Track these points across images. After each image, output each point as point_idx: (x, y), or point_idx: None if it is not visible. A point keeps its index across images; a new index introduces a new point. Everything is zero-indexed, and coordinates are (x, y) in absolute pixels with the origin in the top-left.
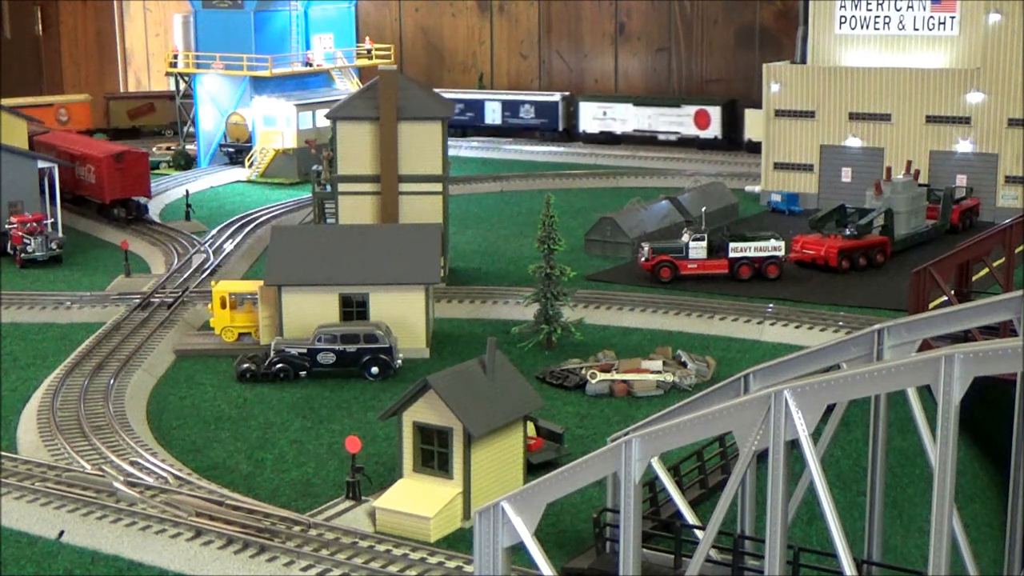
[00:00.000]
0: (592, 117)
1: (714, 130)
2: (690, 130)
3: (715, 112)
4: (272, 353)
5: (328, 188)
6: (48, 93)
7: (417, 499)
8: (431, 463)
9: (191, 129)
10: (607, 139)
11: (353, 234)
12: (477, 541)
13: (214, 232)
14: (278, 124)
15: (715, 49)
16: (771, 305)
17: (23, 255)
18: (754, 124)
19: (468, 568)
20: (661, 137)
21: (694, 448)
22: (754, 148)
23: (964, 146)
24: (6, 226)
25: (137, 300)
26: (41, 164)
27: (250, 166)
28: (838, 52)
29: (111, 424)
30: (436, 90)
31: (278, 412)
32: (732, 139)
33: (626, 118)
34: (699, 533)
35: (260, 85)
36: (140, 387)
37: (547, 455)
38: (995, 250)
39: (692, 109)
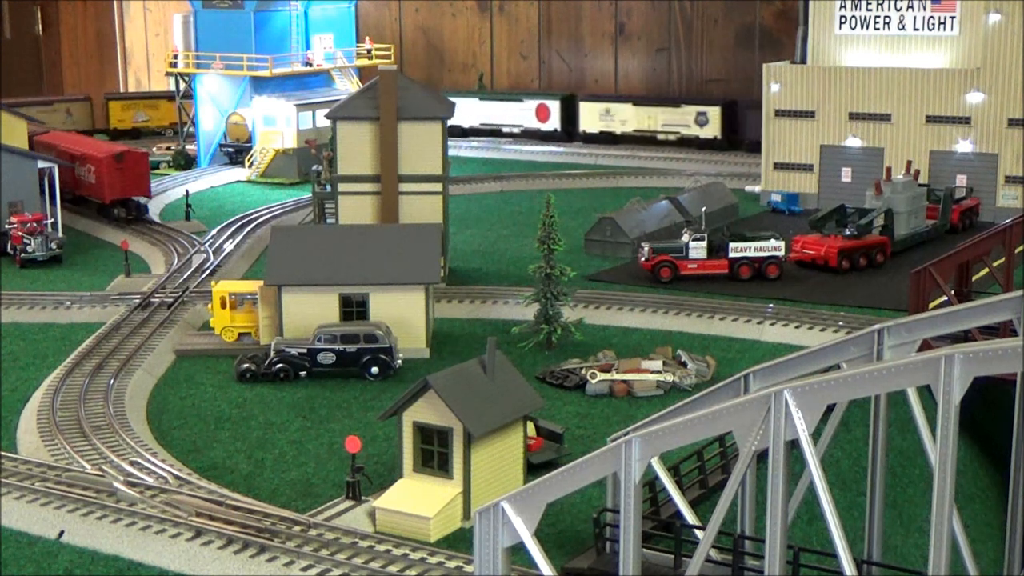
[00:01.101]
0: None
1: (553, 123)
2: (532, 123)
3: (554, 106)
4: (272, 353)
5: (328, 188)
6: (48, 93)
7: (417, 499)
8: (431, 463)
9: (190, 129)
10: (456, 132)
11: (353, 234)
12: (477, 541)
13: (214, 232)
14: (278, 124)
15: (715, 49)
16: (771, 305)
17: (23, 255)
18: (588, 116)
19: (468, 568)
20: (505, 130)
21: (694, 448)
22: (589, 139)
23: (964, 146)
24: (6, 226)
25: (137, 300)
26: (41, 164)
27: (250, 166)
28: (838, 52)
29: (111, 424)
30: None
31: (278, 412)
32: (569, 131)
33: (472, 112)
34: (699, 533)
35: (260, 85)
36: (140, 387)
37: (547, 455)
38: (995, 250)
39: (533, 103)
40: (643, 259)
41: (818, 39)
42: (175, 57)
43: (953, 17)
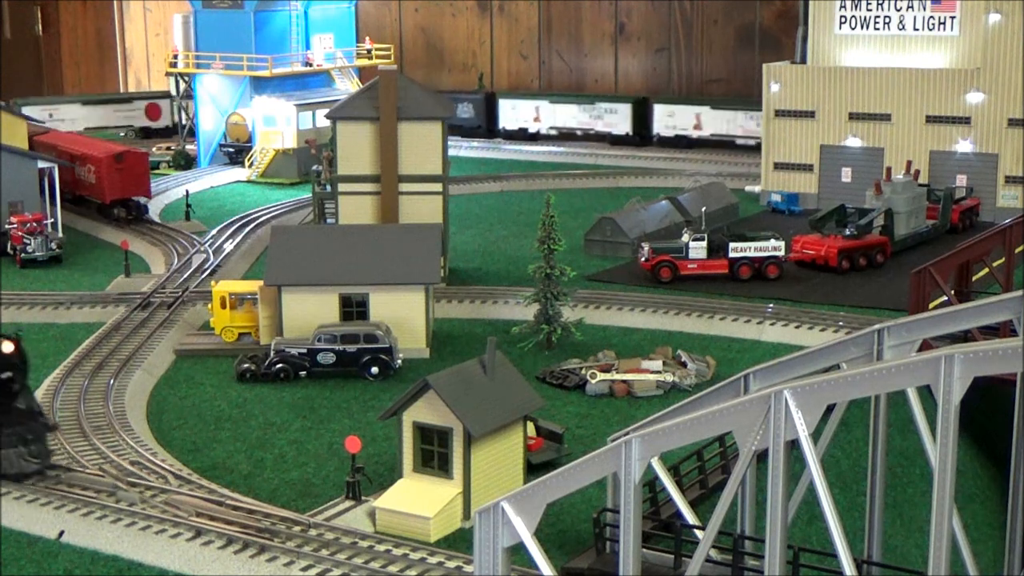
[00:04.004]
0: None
1: (165, 120)
2: (142, 122)
3: (165, 105)
4: (272, 353)
5: (328, 188)
6: (48, 93)
7: (417, 499)
8: (431, 463)
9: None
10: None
11: (353, 234)
12: (477, 541)
13: (214, 232)
14: (278, 124)
15: (715, 49)
16: (771, 305)
17: (23, 255)
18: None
19: (468, 568)
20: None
21: (694, 448)
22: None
23: (964, 146)
24: (6, 226)
25: (137, 300)
26: (41, 164)
27: (250, 166)
28: (838, 52)
29: (111, 424)
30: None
31: (278, 412)
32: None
33: (75, 118)
34: (699, 533)
35: (260, 85)
36: (140, 387)
37: (547, 455)
38: (995, 250)
39: (143, 104)
40: (643, 259)
41: (818, 39)
42: (175, 57)
43: (953, 17)
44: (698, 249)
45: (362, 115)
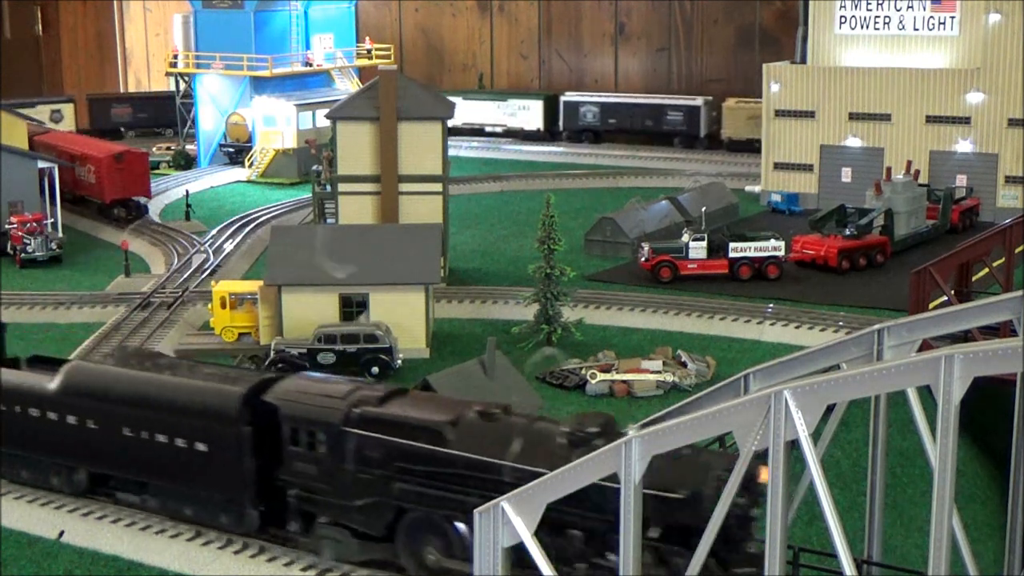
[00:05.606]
0: None
1: None
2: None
3: None
4: (272, 353)
5: (328, 188)
6: (48, 93)
7: None
8: None
9: (191, 129)
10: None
11: (353, 234)
12: (477, 541)
13: (214, 232)
14: (278, 124)
15: (715, 49)
16: (771, 305)
17: (23, 255)
18: None
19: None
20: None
21: None
22: None
23: (964, 146)
24: (6, 226)
25: (137, 300)
26: (41, 164)
27: (250, 166)
28: (838, 52)
29: None
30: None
31: None
32: None
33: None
34: None
35: (260, 85)
36: None
37: None
38: (995, 250)
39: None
40: (643, 259)
41: (818, 39)
42: (175, 57)
43: (953, 17)
44: (698, 249)
45: (362, 115)
